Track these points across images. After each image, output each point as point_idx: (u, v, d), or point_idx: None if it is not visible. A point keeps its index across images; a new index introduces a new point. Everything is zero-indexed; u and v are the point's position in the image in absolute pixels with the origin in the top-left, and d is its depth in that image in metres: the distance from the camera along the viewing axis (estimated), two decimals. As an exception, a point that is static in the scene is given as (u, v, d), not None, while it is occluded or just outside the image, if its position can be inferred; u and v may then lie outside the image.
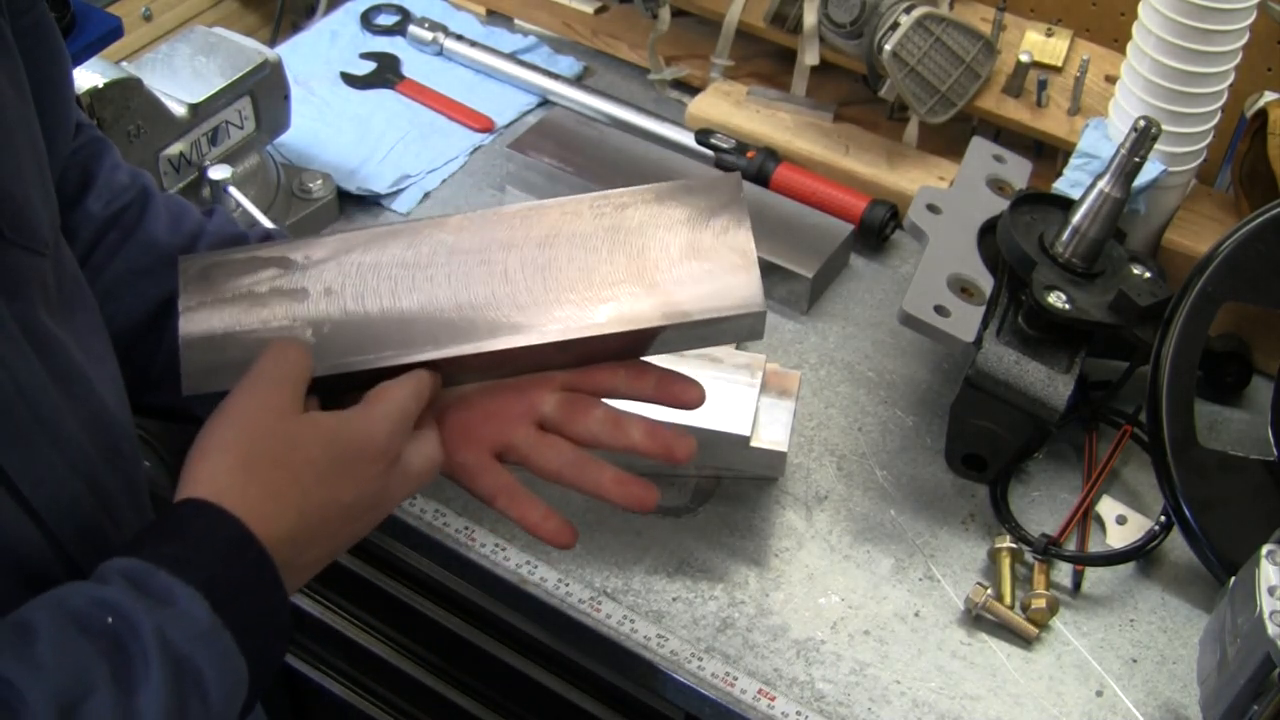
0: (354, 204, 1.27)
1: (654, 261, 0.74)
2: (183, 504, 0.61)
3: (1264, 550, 0.82)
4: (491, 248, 0.74)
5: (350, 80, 1.41)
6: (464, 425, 0.75)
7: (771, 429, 1.00)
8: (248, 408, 0.65)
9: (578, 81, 1.41)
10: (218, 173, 1.15)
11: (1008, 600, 0.96)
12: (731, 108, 1.33)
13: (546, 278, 0.74)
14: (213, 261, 0.75)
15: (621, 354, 0.77)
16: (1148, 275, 1.03)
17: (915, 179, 1.24)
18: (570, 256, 0.74)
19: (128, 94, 1.06)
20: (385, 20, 1.48)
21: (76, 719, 0.52)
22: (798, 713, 0.90)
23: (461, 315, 0.73)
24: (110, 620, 0.55)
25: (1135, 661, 0.94)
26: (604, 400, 0.77)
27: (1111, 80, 1.20)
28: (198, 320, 0.73)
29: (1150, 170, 1.06)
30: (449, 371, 0.74)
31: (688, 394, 0.77)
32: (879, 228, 1.23)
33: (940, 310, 1.02)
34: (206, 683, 0.56)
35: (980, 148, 1.18)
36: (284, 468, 0.63)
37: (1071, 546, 1.01)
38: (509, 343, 0.72)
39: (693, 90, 1.38)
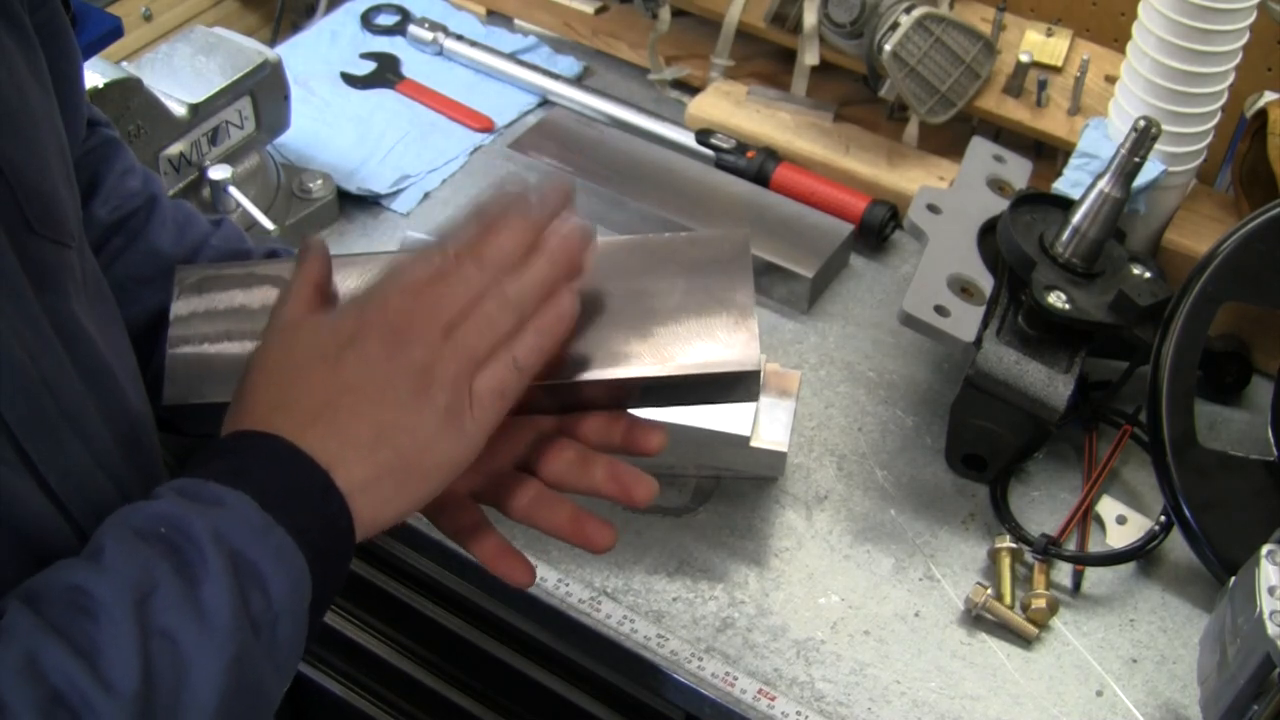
0: (354, 204, 1.27)
1: (650, 312, 0.73)
2: (230, 435, 0.62)
3: (1264, 550, 0.82)
4: None
5: (350, 80, 1.41)
6: None
7: (771, 429, 1.00)
8: (281, 336, 0.65)
9: (578, 81, 1.41)
10: (218, 173, 1.15)
11: (1008, 600, 0.96)
12: (731, 108, 1.33)
13: None
14: (209, 274, 0.75)
15: (608, 404, 0.75)
16: (1148, 275, 1.03)
17: (915, 179, 1.24)
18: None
19: (128, 94, 1.07)
20: (385, 20, 1.48)
21: (148, 611, 0.53)
22: (798, 713, 0.90)
23: None
24: (163, 530, 0.56)
25: (1135, 661, 0.94)
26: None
27: (1111, 80, 1.20)
28: (187, 331, 0.73)
29: (1150, 170, 1.06)
30: None
31: (650, 440, 0.74)
32: (879, 228, 1.23)
33: (940, 310, 1.02)
34: (265, 576, 0.56)
35: (980, 148, 1.18)
36: (313, 369, 0.62)
37: (1071, 546, 1.01)
38: None
39: (693, 90, 1.38)
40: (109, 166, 0.80)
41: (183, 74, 1.15)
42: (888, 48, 1.19)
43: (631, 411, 0.75)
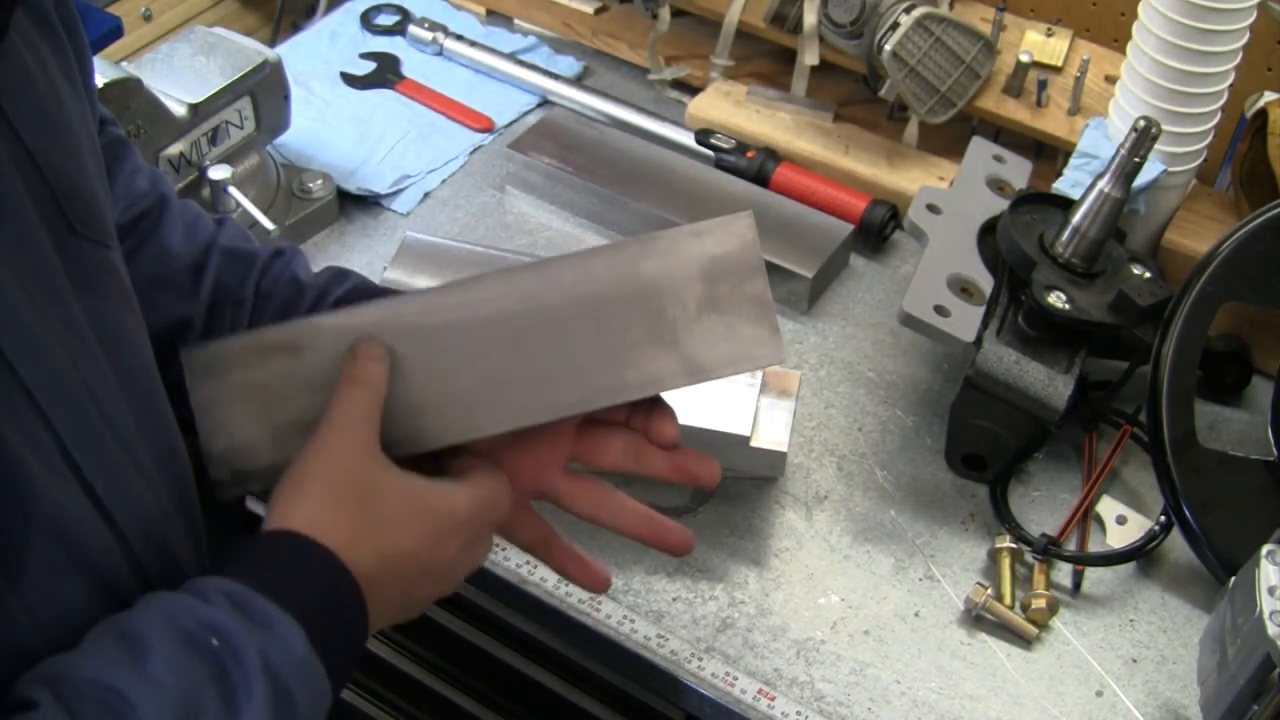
0: (354, 204, 1.27)
1: (672, 319, 0.72)
2: (279, 534, 0.62)
3: (1264, 550, 0.82)
4: (504, 319, 0.72)
5: (350, 80, 1.41)
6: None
7: (771, 429, 1.00)
8: (336, 447, 0.66)
9: (578, 81, 1.41)
10: (218, 173, 1.15)
11: (1008, 600, 0.96)
12: (731, 108, 1.33)
13: (570, 345, 0.72)
14: (217, 353, 0.72)
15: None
16: (1148, 275, 1.03)
17: (915, 179, 1.24)
18: (589, 323, 0.72)
19: (128, 94, 1.06)
20: (385, 20, 1.48)
21: None
22: (798, 713, 0.90)
23: (493, 390, 0.71)
24: (216, 643, 0.56)
25: (1135, 661, 0.94)
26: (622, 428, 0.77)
27: (1111, 80, 1.20)
28: (219, 426, 0.71)
29: (1150, 170, 1.06)
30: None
31: (665, 433, 0.75)
32: (879, 228, 1.23)
33: (940, 310, 1.02)
34: (298, 705, 0.57)
35: (980, 148, 1.18)
36: (371, 511, 0.64)
37: (1071, 546, 1.01)
38: (547, 416, 0.72)
39: (693, 90, 1.38)
40: (119, 166, 0.80)
41: (183, 74, 1.15)
42: (888, 48, 1.19)
43: None
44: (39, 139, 0.60)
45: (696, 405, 0.97)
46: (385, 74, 1.42)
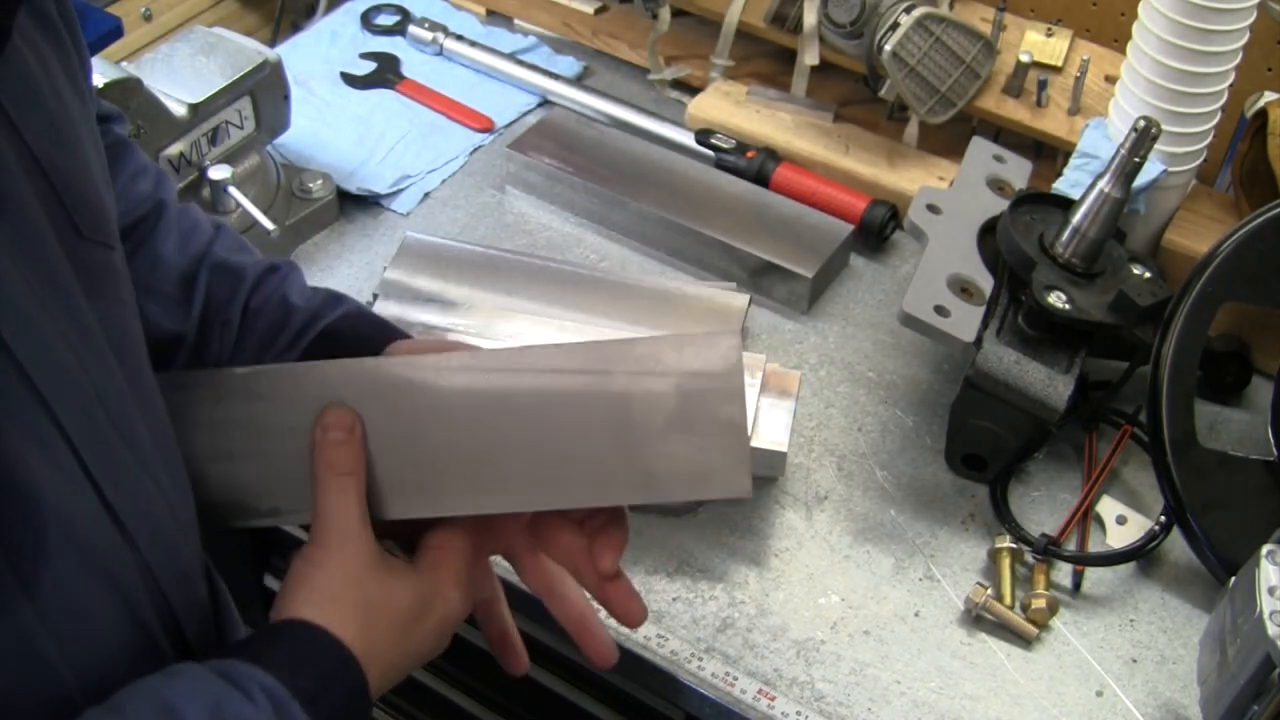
0: (354, 204, 1.27)
1: (638, 431, 0.68)
2: (316, 632, 0.64)
3: (1264, 550, 0.82)
4: (467, 394, 0.69)
5: (350, 80, 1.41)
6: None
7: (771, 429, 1.00)
8: (345, 559, 0.68)
9: (578, 81, 1.41)
10: (218, 173, 1.15)
11: (1008, 600, 0.96)
12: (731, 108, 1.33)
13: (526, 436, 0.69)
14: (175, 380, 0.73)
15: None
16: (1148, 275, 1.03)
17: (915, 179, 1.24)
18: (549, 418, 0.69)
19: (128, 94, 1.06)
20: (385, 20, 1.48)
21: None
22: (798, 713, 0.90)
23: (448, 468, 0.70)
24: None
25: (1135, 661, 0.94)
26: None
27: (1111, 80, 1.20)
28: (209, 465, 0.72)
29: (1150, 170, 1.06)
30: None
31: (632, 611, 0.74)
32: (879, 228, 1.23)
33: (940, 310, 1.02)
34: None
35: (980, 148, 1.18)
36: (389, 622, 0.67)
37: (1071, 546, 1.01)
38: (493, 508, 0.71)
39: (693, 90, 1.38)
40: (120, 168, 0.80)
41: (183, 74, 1.15)
42: (888, 48, 1.19)
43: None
44: (44, 142, 0.59)
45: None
46: (385, 74, 1.42)
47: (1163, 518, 0.99)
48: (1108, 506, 1.03)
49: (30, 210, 0.58)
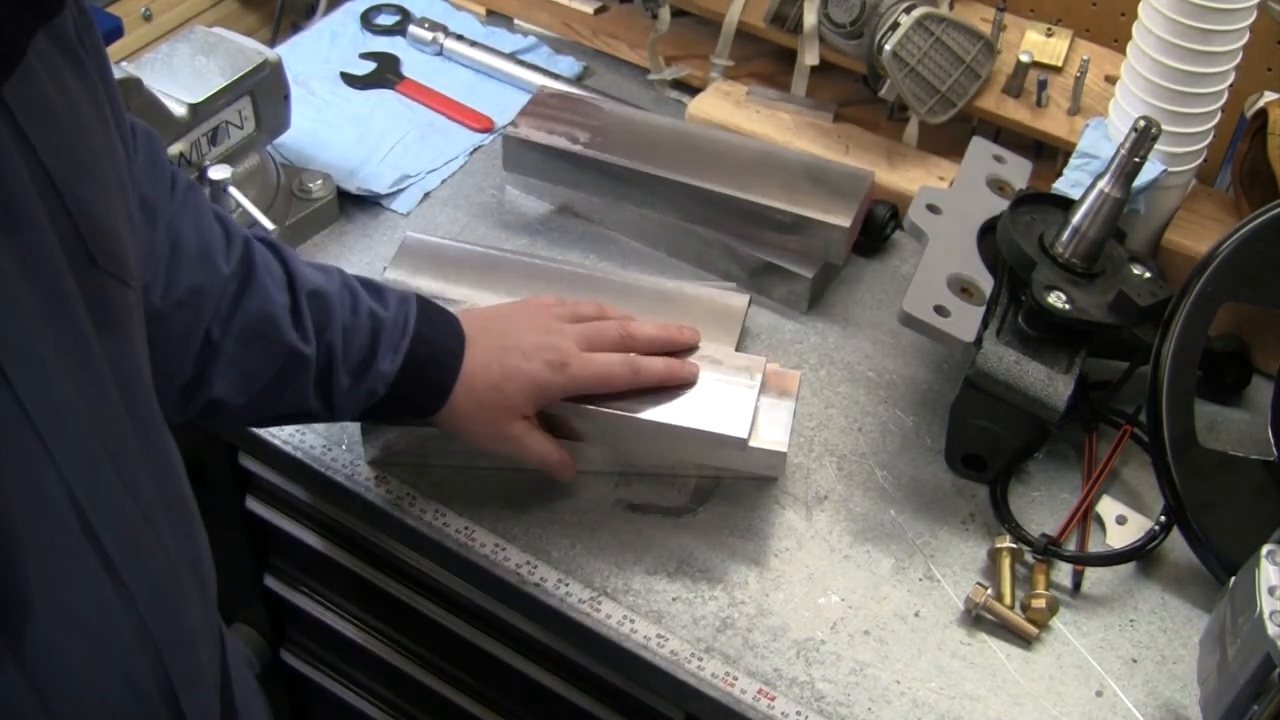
0: (354, 204, 1.27)
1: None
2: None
3: (1264, 550, 0.82)
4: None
5: (350, 80, 1.41)
6: None
7: (771, 429, 1.00)
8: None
9: (578, 81, 1.41)
10: (218, 173, 1.15)
11: (1008, 600, 0.96)
12: (731, 108, 1.33)
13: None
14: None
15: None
16: (1148, 275, 1.03)
17: (915, 179, 1.24)
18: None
19: (128, 94, 1.06)
20: (385, 20, 1.48)
21: None
22: (798, 713, 0.90)
23: None
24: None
25: (1135, 661, 0.94)
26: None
27: (1111, 80, 1.20)
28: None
29: (1150, 170, 1.06)
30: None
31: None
32: (879, 228, 1.23)
33: (940, 310, 1.02)
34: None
35: (980, 148, 1.18)
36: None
37: (1071, 546, 1.01)
38: None
39: (693, 90, 1.38)
40: (207, 245, 0.83)
41: (183, 74, 1.15)
42: (888, 48, 1.19)
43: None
44: (62, 165, 0.57)
45: (695, 406, 0.97)
46: (385, 74, 1.42)
47: (1163, 518, 0.99)
48: (1108, 506, 1.03)
49: (43, 232, 0.55)
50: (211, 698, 0.69)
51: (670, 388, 0.97)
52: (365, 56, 1.44)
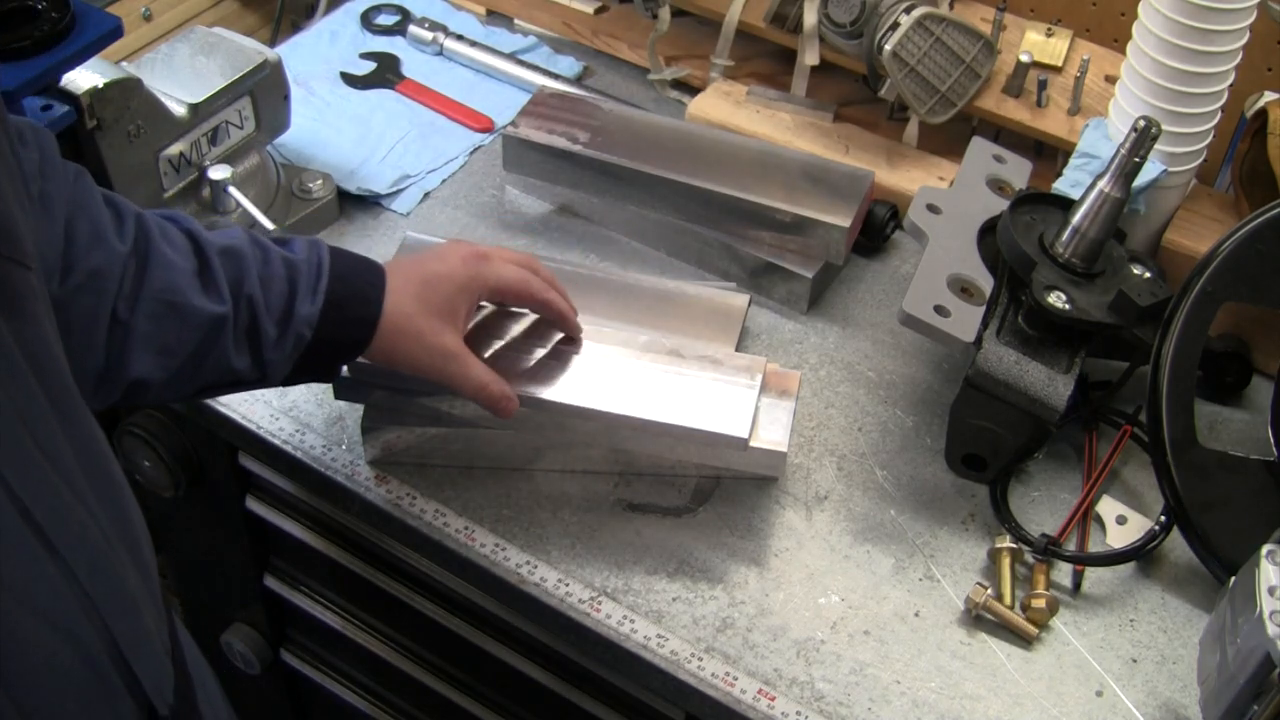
0: (354, 204, 1.26)
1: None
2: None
3: (1264, 550, 0.82)
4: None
5: (350, 80, 1.41)
6: None
7: (771, 429, 1.00)
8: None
9: (578, 81, 1.41)
10: (218, 173, 1.15)
11: (1008, 600, 0.96)
12: (731, 108, 1.33)
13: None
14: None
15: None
16: (1148, 275, 1.03)
17: (915, 179, 1.24)
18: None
19: (128, 94, 1.06)
20: (385, 20, 1.48)
21: None
22: (798, 713, 0.90)
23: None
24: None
25: (1135, 661, 0.94)
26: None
27: (1111, 80, 1.20)
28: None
29: (1150, 170, 1.06)
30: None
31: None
32: (879, 228, 1.23)
33: (940, 310, 1.02)
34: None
35: (980, 148, 1.18)
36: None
37: (1071, 546, 1.01)
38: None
39: (693, 90, 1.38)
40: (83, 229, 0.81)
41: (183, 74, 1.15)
42: (888, 48, 1.19)
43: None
44: None
45: (695, 405, 0.97)
46: (385, 74, 1.42)
47: (1163, 518, 0.99)
48: (1108, 506, 1.03)
49: None
50: (163, 660, 0.70)
51: (669, 388, 0.97)
52: (365, 56, 1.44)
